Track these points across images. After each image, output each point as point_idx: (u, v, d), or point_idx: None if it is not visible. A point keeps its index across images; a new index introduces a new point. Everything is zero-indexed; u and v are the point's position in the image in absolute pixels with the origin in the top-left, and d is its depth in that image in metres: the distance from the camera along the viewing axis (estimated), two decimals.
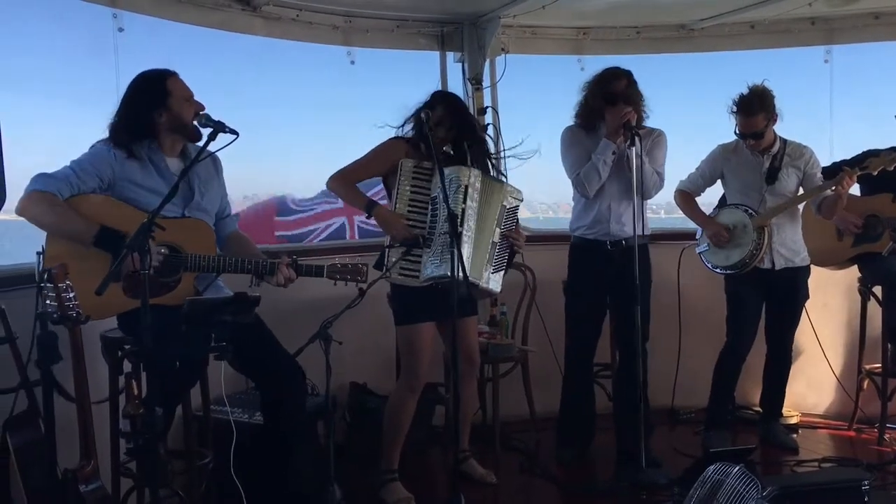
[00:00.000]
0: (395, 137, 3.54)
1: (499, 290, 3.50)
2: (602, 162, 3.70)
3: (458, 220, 3.26)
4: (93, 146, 2.90)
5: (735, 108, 4.03)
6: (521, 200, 3.57)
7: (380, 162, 3.51)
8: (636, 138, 3.55)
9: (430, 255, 3.28)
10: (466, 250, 3.29)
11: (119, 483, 2.94)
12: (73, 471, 2.35)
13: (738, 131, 4.06)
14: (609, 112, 3.66)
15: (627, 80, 3.75)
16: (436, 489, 3.76)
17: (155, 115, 2.87)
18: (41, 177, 2.76)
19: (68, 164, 2.83)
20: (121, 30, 3.92)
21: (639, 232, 3.58)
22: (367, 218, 3.51)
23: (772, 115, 4.01)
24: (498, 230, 3.43)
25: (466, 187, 3.32)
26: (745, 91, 4.00)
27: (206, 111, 2.82)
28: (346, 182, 3.52)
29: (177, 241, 2.80)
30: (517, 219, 3.57)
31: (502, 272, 3.49)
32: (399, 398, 3.55)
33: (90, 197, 2.79)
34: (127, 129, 2.88)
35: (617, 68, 3.80)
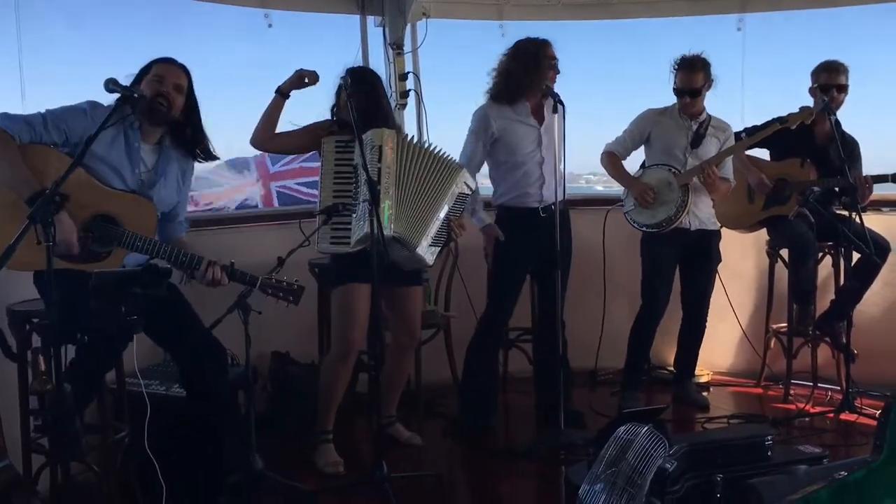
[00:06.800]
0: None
1: (431, 263, 3.52)
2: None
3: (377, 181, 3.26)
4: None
5: (677, 66, 4.13)
6: (472, 191, 3.58)
7: (306, 136, 3.52)
8: (560, 106, 3.57)
9: (357, 219, 3.26)
10: (386, 206, 3.29)
11: (31, 460, 2.87)
12: None
13: (676, 86, 4.14)
14: None
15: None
16: (360, 456, 3.78)
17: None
18: (4, 116, 2.69)
19: (43, 110, 2.76)
20: None
21: (560, 197, 3.62)
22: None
23: (709, 79, 4.13)
24: (446, 207, 3.43)
25: (381, 147, 3.31)
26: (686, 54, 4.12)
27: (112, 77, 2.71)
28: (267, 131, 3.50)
29: (117, 214, 2.75)
30: (463, 208, 3.56)
31: (438, 248, 3.49)
32: (331, 365, 3.55)
33: (44, 150, 2.72)
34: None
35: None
